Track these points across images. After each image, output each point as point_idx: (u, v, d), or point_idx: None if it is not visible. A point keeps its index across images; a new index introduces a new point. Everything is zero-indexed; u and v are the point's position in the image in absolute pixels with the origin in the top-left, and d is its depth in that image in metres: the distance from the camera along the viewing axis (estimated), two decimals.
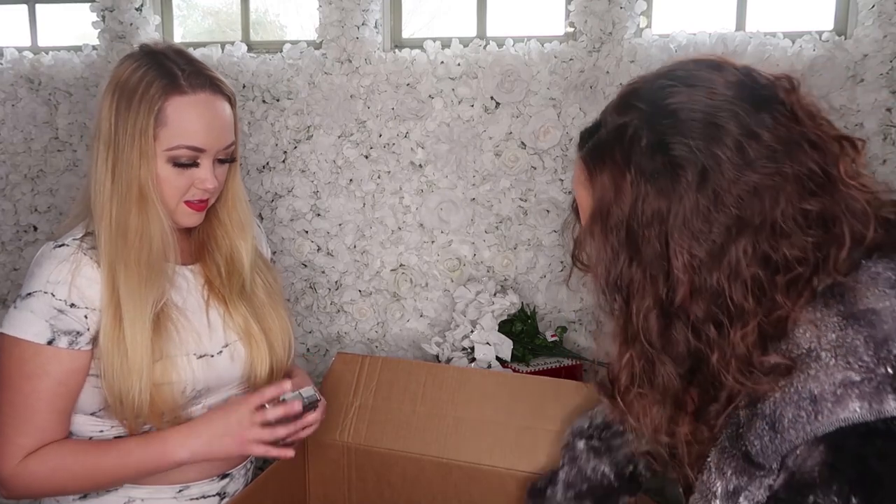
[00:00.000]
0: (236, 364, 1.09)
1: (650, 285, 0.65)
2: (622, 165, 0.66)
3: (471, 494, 1.15)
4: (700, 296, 0.63)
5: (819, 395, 0.60)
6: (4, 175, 2.08)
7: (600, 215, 0.68)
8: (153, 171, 0.99)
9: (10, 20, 2.19)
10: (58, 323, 0.97)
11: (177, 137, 0.99)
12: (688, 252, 0.63)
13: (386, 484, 1.20)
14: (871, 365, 0.59)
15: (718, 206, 0.62)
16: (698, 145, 0.63)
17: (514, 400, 1.18)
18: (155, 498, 1.08)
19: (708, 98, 0.65)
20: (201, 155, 1.01)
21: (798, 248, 0.62)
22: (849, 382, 0.59)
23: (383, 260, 1.91)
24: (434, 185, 1.85)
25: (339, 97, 1.85)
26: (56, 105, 2.04)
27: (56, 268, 0.98)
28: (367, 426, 1.21)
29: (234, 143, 1.06)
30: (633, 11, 1.69)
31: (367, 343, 1.95)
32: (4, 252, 2.11)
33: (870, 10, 1.59)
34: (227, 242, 1.12)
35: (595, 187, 0.69)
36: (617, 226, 0.66)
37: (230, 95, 1.05)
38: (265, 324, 1.13)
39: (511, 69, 1.74)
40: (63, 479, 0.99)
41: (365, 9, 1.82)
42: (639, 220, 0.65)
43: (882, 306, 0.61)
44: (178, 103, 0.99)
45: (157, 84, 0.98)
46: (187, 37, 2.17)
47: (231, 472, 1.15)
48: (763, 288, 0.62)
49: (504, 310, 1.73)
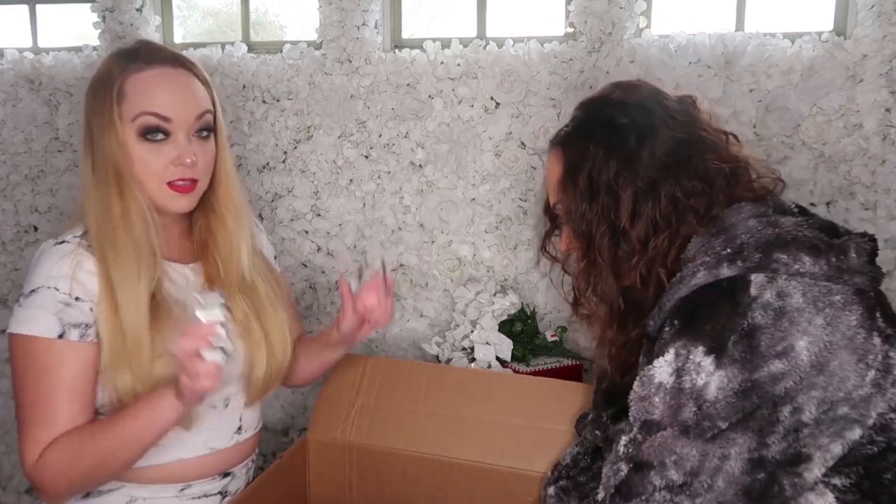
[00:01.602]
0: (236, 361, 1.09)
1: (605, 217, 0.93)
2: (585, 139, 0.96)
3: (471, 494, 1.15)
4: (638, 220, 0.92)
5: (685, 276, 0.87)
6: (5, 175, 2.08)
7: (570, 177, 0.97)
8: (126, 152, 1.00)
9: (10, 20, 2.20)
10: (66, 316, 0.97)
11: (137, 106, 1.00)
12: (630, 191, 0.92)
13: (387, 483, 1.20)
14: (718, 251, 0.86)
15: (653, 157, 0.92)
16: (635, 120, 0.94)
17: (515, 400, 1.18)
18: (157, 497, 1.08)
19: (639, 95, 0.98)
20: (170, 126, 1.00)
21: (696, 190, 0.91)
22: (702, 262, 0.86)
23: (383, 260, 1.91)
24: (434, 185, 1.85)
25: (339, 97, 1.86)
26: (56, 105, 2.04)
27: (57, 263, 0.99)
28: (369, 425, 1.21)
29: (207, 113, 1.04)
30: (632, 12, 1.69)
31: (366, 343, 1.95)
32: (5, 252, 2.11)
33: (869, 11, 1.59)
34: (224, 234, 1.10)
35: (566, 160, 0.98)
36: (583, 180, 0.95)
37: (192, 67, 1.06)
38: (266, 324, 1.12)
39: (511, 69, 1.74)
40: (85, 464, 0.96)
41: (365, 9, 1.82)
42: (598, 172, 0.93)
43: (736, 221, 0.89)
44: (135, 78, 1.01)
45: (117, 66, 1.02)
46: (187, 37, 2.17)
47: (233, 471, 1.15)
48: (678, 213, 0.91)
49: (504, 310, 1.73)
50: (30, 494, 2.16)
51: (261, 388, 1.13)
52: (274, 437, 2.02)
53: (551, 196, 1.04)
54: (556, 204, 1.02)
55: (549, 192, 1.05)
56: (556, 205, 1.03)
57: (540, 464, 1.12)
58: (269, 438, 2.01)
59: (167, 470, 1.07)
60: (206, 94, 1.06)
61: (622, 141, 0.93)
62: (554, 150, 1.02)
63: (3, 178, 2.08)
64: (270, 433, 2.01)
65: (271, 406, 1.99)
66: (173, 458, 1.07)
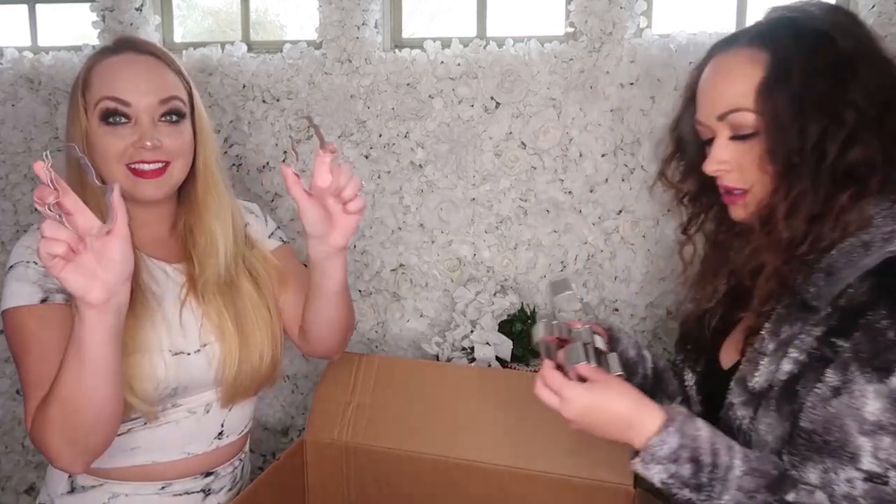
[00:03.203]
0: (212, 365, 1.07)
1: (834, 131, 0.80)
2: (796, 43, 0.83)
3: (469, 492, 1.15)
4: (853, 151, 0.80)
5: (870, 242, 0.79)
6: (4, 175, 2.08)
7: (782, 82, 0.82)
8: (90, 139, 1.00)
9: (10, 20, 2.20)
10: (47, 283, 0.96)
11: (99, 92, 1.01)
12: (853, 114, 0.80)
13: (385, 482, 1.19)
14: None
15: (868, 86, 0.80)
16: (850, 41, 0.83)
17: (513, 397, 1.18)
18: (138, 494, 1.07)
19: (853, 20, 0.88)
20: (130, 110, 1.00)
21: None
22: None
23: (383, 260, 1.91)
24: (434, 185, 1.85)
25: (339, 97, 1.85)
26: (56, 105, 2.04)
27: (35, 242, 0.99)
28: (366, 425, 1.21)
29: (174, 99, 1.03)
30: (633, 11, 1.69)
31: (366, 343, 1.95)
32: (4, 252, 2.11)
33: (870, 11, 1.59)
34: (200, 229, 1.08)
35: (774, 62, 0.83)
36: (796, 89, 0.81)
37: (161, 56, 1.05)
38: (245, 327, 1.08)
39: (511, 69, 1.74)
40: (59, 409, 0.88)
41: (365, 9, 1.82)
42: (812, 85, 0.80)
43: None
44: (98, 67, 1.02)
45: (88, 59, 1.03)
46: (187, 37, 2.17)
47: (216, 471, 1.14)
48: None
49: (504, 310, 1.73)
50: (29, 494, 2.16)
51: (233, 391, 1.09)
52: (273, 437, 2.02)
53: (731, 105, 0.86)
54: (728, 113, 0.86)
55: (716, 103, 0.88)
56: (727, 114, 0.86)
57: (538, 462, 1.12)
58: (269, 438, 2.01)
59: (145, 470, 1.07)
60: (177, 82, 1.05)
61: (839, 53, 0.82)
62: (747, 49, 0.86)
63: (3, 177, 2.08)
64: (270, 433, 2.01)
65: (271, 406, 1.99)
66: (148, 461, 1.07)
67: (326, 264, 1.03)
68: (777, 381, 0.84)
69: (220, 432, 1.12)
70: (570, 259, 1.79)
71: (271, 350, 1.11)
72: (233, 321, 1.08)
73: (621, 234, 1.76)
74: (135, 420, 1.04)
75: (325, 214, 0.96)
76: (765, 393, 0.86)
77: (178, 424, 1.07)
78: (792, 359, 0.83)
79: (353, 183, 0.94)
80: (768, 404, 0.85)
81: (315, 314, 1.11)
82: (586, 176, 1.75)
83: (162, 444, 1.07)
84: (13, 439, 2.13)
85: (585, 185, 1.76)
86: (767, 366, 0.85)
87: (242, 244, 1.14)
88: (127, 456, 1.05)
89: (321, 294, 1.07)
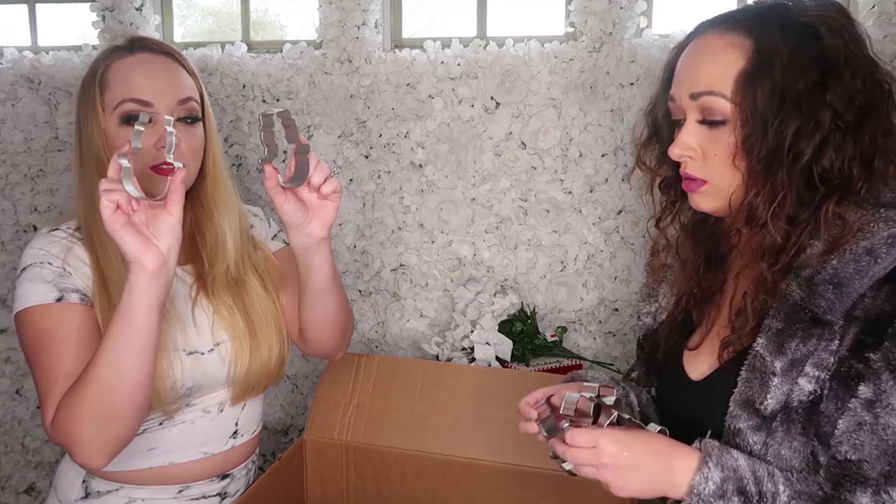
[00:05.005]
0: (225, 363, 1.08)
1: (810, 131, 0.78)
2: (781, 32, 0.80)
3: (471, 490, 1.15)
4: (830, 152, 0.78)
5: (871, 248, 0.74)
6: (4, 175, 2.08)
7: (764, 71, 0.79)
8: (109, 140, 1.01)
9: (10, 20, 2.19)
10: (62, 282, 0.97)
11: (119, 94, 1.00)
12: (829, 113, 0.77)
13: (385, 481, 1.19)
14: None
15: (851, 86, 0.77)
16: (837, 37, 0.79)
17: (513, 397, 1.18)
18: (155, 498, 1.07)
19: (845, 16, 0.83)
20: (151, 111, 1.00)
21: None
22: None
23: (383, 260, 1.91)
24: (434, 185, 1.85)
25: (339, 97, 1.85)
26: (56, 105, 2.04)
27: (48, 245, 0.99)
28: (366, 424, 1.21)
29: (191, 100, 1.04)
30: (633, 11, 1.69)
31: (366, 343, 1.95)
32: (4, 252, 2.11)
33: (870, 11, 1.59)
34: (210, 227, 1.09)
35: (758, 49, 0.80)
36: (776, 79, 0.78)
37: (175, 55, 1.06)
38: (254, 321, 1.10)
39: (511, 69, 1.74)
40: (88, 394, 0.87)
41: (365, 9, 1.82)
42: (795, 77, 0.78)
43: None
44: (117, 66, 1.02)
45: (101, 58, 1.03)
46: (187, 37, 2.17)
47: (231, 473, 1.14)
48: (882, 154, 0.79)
49: (504, 310, 1.73)
50: (28, 494, 2.16)
51: (244, 387, 1.10)
52: (274, 438, 2.02)
53: (707, 86, 0.84)
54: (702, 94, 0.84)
55: (692, 81, 0.86)
56: (700, 95, 0.84)
57: (537, 460, 1.12)
58: (269, 438, 2.01)
59: (162, 472, 1.07)
60: (192, 83, 1.06)
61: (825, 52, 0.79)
62: (732, 33, 0.84)
63: (3, 177, 2.08)
64: (270, 433, 2.01)
65: (271, 406, 1.99)
66: (166, 462, 1.07)
67: (308, 256, 1.02)
68: (798, 403, 0.80)
69: (235, 431, 1.13)
70: (570, 259, 1.79)
71: (279, 345, 1.13)
72: (242, 316, 1.09)
73: (621, 234, 1.76)
74: (151, 420, 1.05)
75: (301, 206, 0.98)
76: (777, 415, 0.81)
77: (193, 424, 1.08)
78: (813, 378, 0.78)
79: (320, 168, 0.95)
80: (789, 428, 0.81)
81: (307, 312, 1.10)
82: (586, 176, 1.75)
83: (179, 444, 1.07)
84: (13, 439, 2.13)
85: (585, 185, 1.76)
86: (780, 386, 0.80)
87: (248, 243, 1.15)
88: (144, 457, 1.05)
89: (309, 289, 1.07)
